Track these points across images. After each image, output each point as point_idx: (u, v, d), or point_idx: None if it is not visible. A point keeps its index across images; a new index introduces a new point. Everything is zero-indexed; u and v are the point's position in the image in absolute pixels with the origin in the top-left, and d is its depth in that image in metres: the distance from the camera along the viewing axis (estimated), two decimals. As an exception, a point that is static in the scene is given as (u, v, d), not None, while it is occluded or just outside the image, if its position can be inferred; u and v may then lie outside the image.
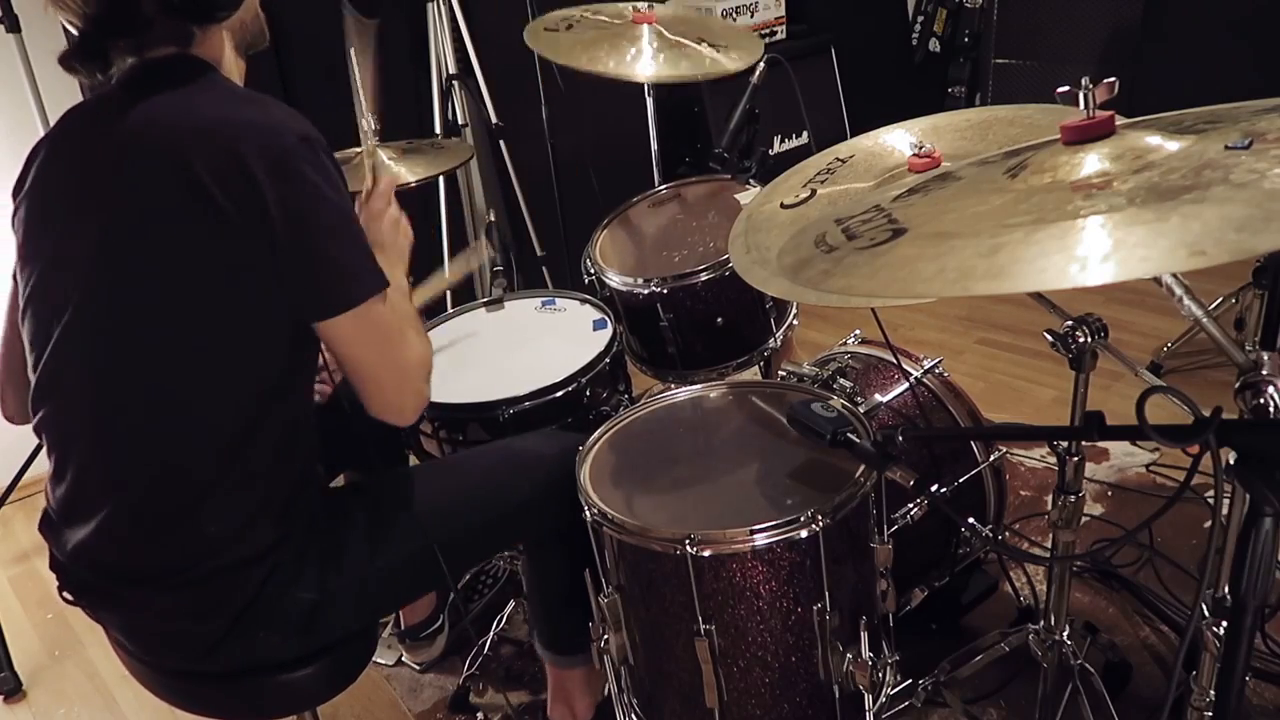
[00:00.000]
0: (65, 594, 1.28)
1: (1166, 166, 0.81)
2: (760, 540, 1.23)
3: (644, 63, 1.92)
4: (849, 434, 1.23)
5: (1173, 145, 0.85)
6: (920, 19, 4.12)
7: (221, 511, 1.19)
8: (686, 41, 1.98)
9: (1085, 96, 0.89)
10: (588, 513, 1.33)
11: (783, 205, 1.29)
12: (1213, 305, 2.61)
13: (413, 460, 1.80)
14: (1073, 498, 1.38)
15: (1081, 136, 0.89)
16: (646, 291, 1.77)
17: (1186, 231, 0.70)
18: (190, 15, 1.15)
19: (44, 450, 1.24)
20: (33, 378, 1.21)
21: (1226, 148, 0.80)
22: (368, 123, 1.43)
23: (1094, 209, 0.77)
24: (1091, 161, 0.86)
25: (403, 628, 2.00)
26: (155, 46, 1.17)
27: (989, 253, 0.76)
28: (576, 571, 1.40)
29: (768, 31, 3.49)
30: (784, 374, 1.82)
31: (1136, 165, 0.83)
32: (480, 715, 1.86)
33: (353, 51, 1.42)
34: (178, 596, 1.22)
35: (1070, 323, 1.24)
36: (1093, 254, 0.72)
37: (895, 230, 0.87)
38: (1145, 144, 0.86)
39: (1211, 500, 1.55)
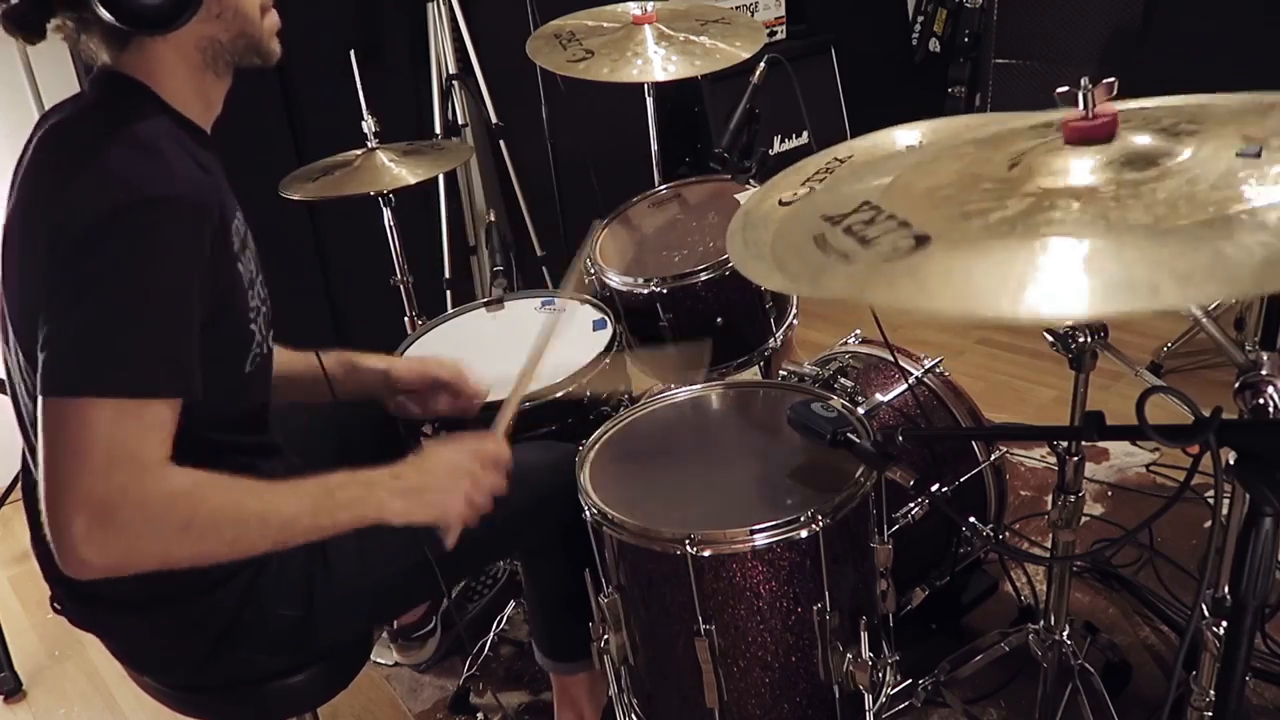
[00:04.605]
0: (55, 605, 1.28)
1: (1187, 176, 0.78)
2: (760, 540, 1.23)
3: (654, 68, 1.92)
4: (849, 434, 1.23)
5: (1172, 147, 0.83)
6: (920, 19, 4.12)
7: None
8: (689, 36, 1.98)
9: (1085, 96, 0.88)
10: (588, 513, 1.33)
11: (781, 203, 1.28)
12: (1213, 305, 2.61)
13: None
14: (1073, 498, 1.38)
15: (1083, 137, 0.88)
16: (646, 291, 1.77)
17: None
18: (118, 19, 1.04)
19: None
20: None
21: (1238, 155, 0.79)
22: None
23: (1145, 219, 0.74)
24: (1105, 165, 0.83)
25: (395, 627, 2.00)
26: (92, 34, 1.10)
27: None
28: (574, 578, 1.39)
29: (768, 32, 3.49)
30: (784, 374, 1.82)
31: (1153, 175, 0.80)
32: (480, 715, 1.86)
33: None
34: (148, 619, 1.21)
35: (1070, 323, 1.24)
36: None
37: (917, 237, 0.82)
38: (1148, 147, 0.84)
39: (1211, 500, 1.55)
